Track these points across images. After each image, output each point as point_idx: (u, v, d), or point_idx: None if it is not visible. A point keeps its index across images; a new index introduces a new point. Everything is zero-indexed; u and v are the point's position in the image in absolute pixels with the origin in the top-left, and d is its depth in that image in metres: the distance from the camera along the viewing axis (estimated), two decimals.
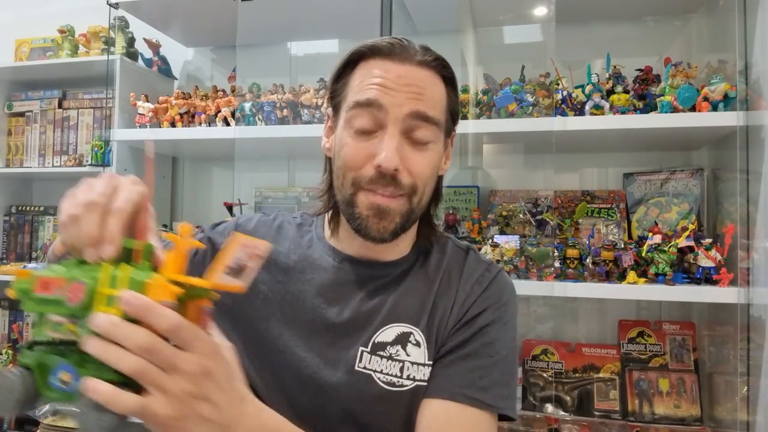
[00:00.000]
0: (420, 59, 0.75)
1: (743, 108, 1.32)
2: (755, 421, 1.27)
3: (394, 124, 0.73)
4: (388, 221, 0.74)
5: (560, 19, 1.53)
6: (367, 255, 0.83)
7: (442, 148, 0.80)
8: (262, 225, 0.90)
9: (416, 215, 0.78)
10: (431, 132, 0.75)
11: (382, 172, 0.72)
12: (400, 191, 0.74)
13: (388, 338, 0.78)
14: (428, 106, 0.74)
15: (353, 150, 0.75)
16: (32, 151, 2.14)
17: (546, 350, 1.67)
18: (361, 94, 0.74)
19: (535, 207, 1.64)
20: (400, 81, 0.73)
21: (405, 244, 0.85)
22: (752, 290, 1.29)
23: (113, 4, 1.83)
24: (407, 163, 0.74)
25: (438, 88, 0.77)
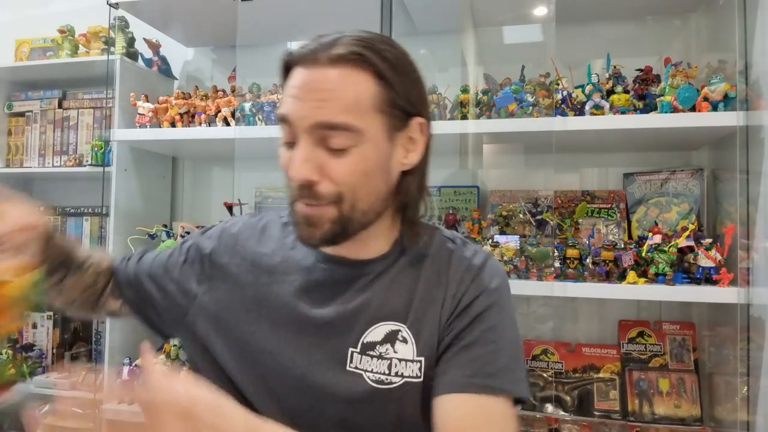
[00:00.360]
0: (334, 56, 0.70)
1: (743, 108, 1.32)
2: (755, 421, 1.27)
3: (302, 136, 0.72)
4: (316, 228, 0.74)
5: (560, 19, 1.53)
6: (347, 254, 0.82)
7: (380, 146, 0.73)
8: (246, 228, 0.90)
9: (358, 220, 0.75)
10: (345, 138, 0.70)
11: (295, 184, 0.73)
12: (320, 200, 0.72)
13: (377, 338, 0.77)
14: (335, 112, 0.70)
15: (282, 161, 0.77)
16: (32, 151, 2.14)
17: (546, 350, 1.67)
18: (281, 108, 0.75)
19: (535, 207, 1.64)
20: (306, 88, 0.71)
21: (378, 243, 0.83)
22: (752, 290, 1.29)
23: (113, 4, 1.83)
24: (326, 171, 0.71)
25: (354, 86, 0.71)
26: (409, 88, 0.76)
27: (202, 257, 0.89)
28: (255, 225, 0.91)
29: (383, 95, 0.73)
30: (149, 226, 1.88)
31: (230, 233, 0.90)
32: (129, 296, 0.93)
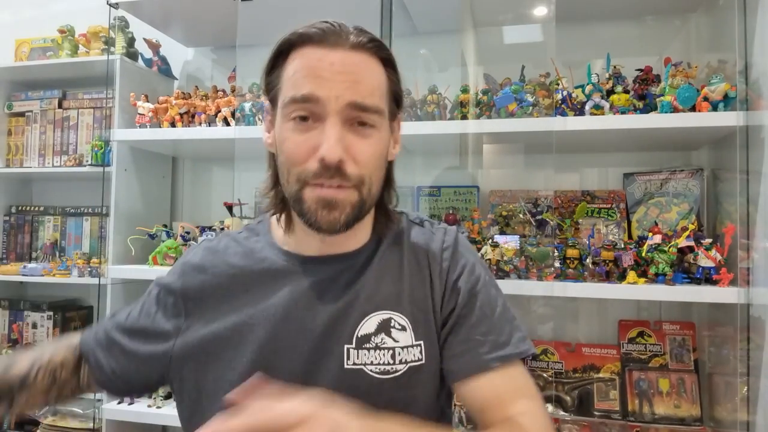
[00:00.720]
0: (354, 42, 0.73)
1: (743, 108, 1.32)
2: (755, 421, 1.27)
3: (333, 115, 0.70)
4: (339, 212, 0.72)
5: (560, 19, 1.53)
6: (327, 251, 0.81)
7: (387, 133, 0.77)
8: (209, 253, 0.86)
9: (369, 205, 0.77)
10: (373, 119, 0.73)
11: (327, 164, 0.69)
12: (347, 182, 0.71)
13: (370, 329, 0.77)
14: (366, 93, 0.72)
15: (295, 144, 0.72)
16: (32, 151, 2.14)
17: (546, 350, 1.67)
18: (296, 89, 0.71)
19: (535, 207, 1.64)
20: (333, 69, 0.71)
21: (363, 233, 0.83)
22: (752, 290, 1.29)
23: (113, 4, 1.83)
24: (352, 152, 0.71)
25: (375, 72, 0.74)
26: (399, 83, 0.80)
27: (175, 297, 0.84)
28: (216, 248, 0.87)
29: (389, 85, 0.77)
30: (149, 226, 1.88)
31: (193, 264, 0.86)
32: (111, 365, 0.84)
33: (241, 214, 1.84)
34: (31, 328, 2.10)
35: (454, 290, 0.81)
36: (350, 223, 0.74)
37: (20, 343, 2.08)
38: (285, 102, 0.73)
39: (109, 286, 1.78)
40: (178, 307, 0.83)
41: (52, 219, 2.19)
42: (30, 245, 2.20)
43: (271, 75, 0.77)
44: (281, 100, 0.74)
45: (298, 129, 0.72)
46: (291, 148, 0.72)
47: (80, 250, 2.11)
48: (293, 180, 0.73)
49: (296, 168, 0.72)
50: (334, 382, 0.76)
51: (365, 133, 0.73)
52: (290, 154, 0.72)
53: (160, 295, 0.85)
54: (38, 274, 1.97)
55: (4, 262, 2.18)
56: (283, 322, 0.78)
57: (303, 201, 0.73)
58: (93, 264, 1.92)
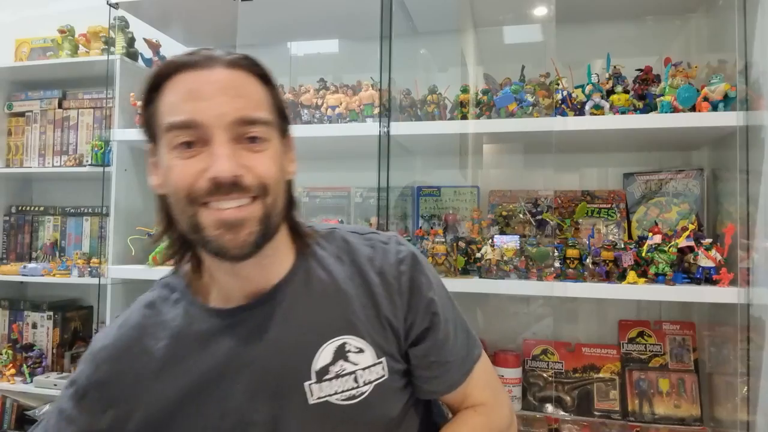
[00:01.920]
0: (228, 60, 0.70)
1: (743, 108, 1.32)
2: (755, 421, 1.27)
3: (219, 134, 0.66)
4: (246, 233, 0.67)
5: (560, 19, 1.53)
6: (253, 290, 0.76)
7: (280, 147, 0.73)
8: (121, 335, 0.78)
9: (275, 221, 0.71)
10: (263, 132, 0.69)
11: (220, 182, 0.65)
12: (247, 195, 0.67)
13: (326, 360, 0.74)
14: (251, 107, 0.69)
15: (181, 168, 0.67)
16: (32, 151, 2.14)
17: (546, 350, 1.67)
18: (176, 114, 0.67)
19: (535, 207, 1.64)
20: (213, 88, 0.67)
21: (284, 260, 0.78)
22: (752, 290, 1.29)
23: (113, 4, 1.83)
24: (248, 166, 0.67)
25: (256, 86, 0.72)
26: (280, 98, 0.76)
27: (87, 396, 0.76)
28: (126, 326, 0.79)
29: (270, 100, 0.73)
30: (149, 226, 1.88)
31: (103, 348, 0.78)
32: None
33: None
34: (31, 328, 2.10)
35: (417, 307, 0.79)
36: (260, 243, 0.69)
37: (20, 343, 2.08)
38: (164, 129, 0.68)
39: (109, 286, 1.78)
40: (100, 402, 0.75)
41: (52, 219, 2.19)
42: (30, 245, 2.20)
43: (147, 110, 0.72)
44: (161, 129, 0.69)
45: (183, 155, 0.67)
46: (177, 174, 0.67)
47: (80, 250, 2.12)
48: (184, 205, 0.67)
49: (185, 192, 0.67)
50: (303, 421, 0.73)
51: (257, 148, 0.69)
52: (177, 179, 0.67)
53: (69, 410, 0.76)
54: (38, 274, 1.97)
55: (4, 262, 2.18)
56: (231, 383, 0.73)
57: (201, 227, 0.67)
58: (93, 264, 1.92)
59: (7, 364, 2.00)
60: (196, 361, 0.74)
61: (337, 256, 0.80)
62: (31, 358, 2.00)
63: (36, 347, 2.05)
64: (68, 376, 1.93)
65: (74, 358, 2.10)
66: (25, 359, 2.01)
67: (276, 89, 0.75)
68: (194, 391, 0.74)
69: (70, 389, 0.77)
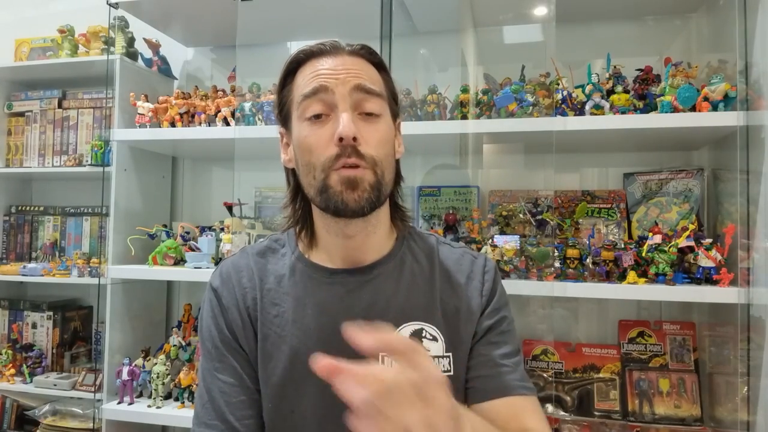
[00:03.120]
0: (350, 50, 0.83)
1: (743, 108, 1.32)
2: (755, 421, 1.27)
3: (342, 101, 0.78)
4: (361, 190, 0.77)
5: (560, 19, 1.53)
6: (352, 260, 0.85)
7: (391, 123, 0.84)
8: (238, 272, 0.88)
9: (384, 191, 0.81)
10: (378, 104, 0.81)
11: (344, 143, 0.76)
12: (363, 162, 0.77)
13: None
14: (368, 81, 0.80)
15: (314, 137, 0.79)
16: (32, 151, 2.14)
17: (546, 350, 1.67)
18: (306, 87, 0.79)
19: (535, 207, 1.64)
20: (337, 66, 0.80)
21: (383, 237, 0.87)
22: (752, 290, 1.29)
23: (113, 4, 1.83)
24: (363, 135, 0.78)
25: (372, 71, 0.84)
26: (393, 87, 0.88)
27: (226, 283, 0.88)
28: (246, 265, 0.89)
29: (386, 86, 0.85)
30: (149, 226, 1.88)
31: (225, 265, 0.90)
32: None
33: (240, 214, 1.84)
34: (31, 328, 2.10)
35: (492, 308, 0.87)
36: (372, 204, 0.78)
37: (20, 343, 2.08)
38: (298, 102, 0.80)
39: (108, 286, 1.78)
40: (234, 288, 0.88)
41: (52, 219, 2.19)
42: (30, 245, 2.20)
43: (282, 93, 0.85)
44: (295, 104, 0.82)
45: (314, 126, 0.79)
46: (311, 141, 0.79)
47: (80, 250, 2.11)
48: (318, 171, 0.78)
49: (319, 158, 0.78)
50: None
51: (371, 120, 0.80)
52: (311, 146, 0.79)
53: (218, 340, 0.86)
54: (38, 274, 1.97)
55: (4, 262, 2.17)
56: (314, 333, 0.82)
57: (329, 187, 0.78)
58: (93, 264, 1.92)
59: (7, 364, 2.00)
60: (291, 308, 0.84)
61: (429, 254, 0.90)
62: (31, 358, 2.00)
63: (36, 347, 2.05)
64: (69, 376, 1.93)
65: (74, 358, 2.10)
66: (25, 359, 2.01)
67: (390, 77, 0.87)
68: (280, 336, 0.83)
69: (209, 297, 0.89)
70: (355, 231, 0.82)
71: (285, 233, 0.93)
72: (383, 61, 0.87)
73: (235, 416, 0.81)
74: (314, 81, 0.79)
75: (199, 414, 0.84)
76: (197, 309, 1.99)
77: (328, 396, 0.78)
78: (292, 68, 0.84)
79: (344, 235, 0.83)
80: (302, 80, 0.81)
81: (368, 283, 0.84)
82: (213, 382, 0.84)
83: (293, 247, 0.90)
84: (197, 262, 1.71)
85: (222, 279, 0.88)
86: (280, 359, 0.82)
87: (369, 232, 0.84)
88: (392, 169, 0.84)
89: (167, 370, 1.73)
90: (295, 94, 0.82)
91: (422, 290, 0.86)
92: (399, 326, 0.82)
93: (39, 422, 1.92)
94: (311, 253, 0.89)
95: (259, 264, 0.89)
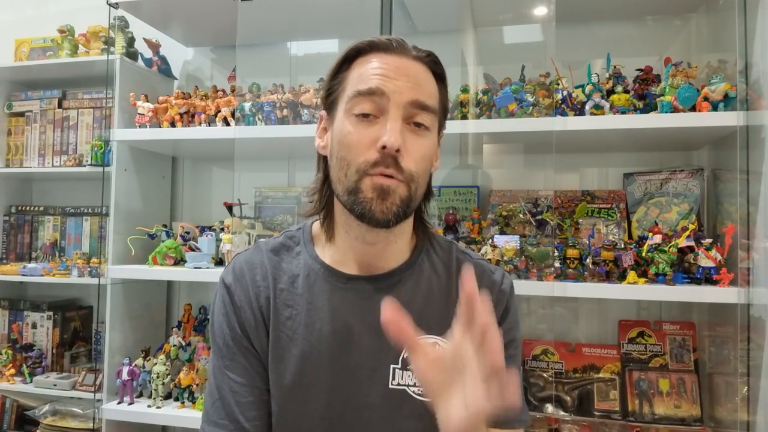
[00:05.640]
0: (415, 54, 0.79)
1: (743, 108, 1.32)
2: (755, 421, 1.27)
3: (395, 109, 0.75)
4: (390, 202, 0.75)
5: (560, 19, 1.53)
6: (369, 266, 0.83)
7: (436, 138, 0.82)
8: (252, 269, 0.86)
9: (414, 205, 0.79)
10: (429, 119, 0.78)
11: (386, 152, 0.73)
12: (401, 175, 0.75)
13: None
14: (425, 95, 0.77)
15: (357, 136, 0.76)
16: (32, 151, 2.14)
17: (546, 350, 1.67)
18: (363, 83, 0.76)
19: (535, 207, 1.64)
20: (399, 72, 0.76)
21: (403, 246, 0.85)
22: (752, 290, 1.29)
23: (113, 4, 1.83)
24: (407, 147, 0.75)
25: (432, 82, 0.81)
26: (447, 99, 0.85)
27: (238, 280, 0.86)
28: (260, 263, 0.86)
29: (440, 99, 0.82)
30: (149, 226, 1.88)
31: (237, 261, 0.88)
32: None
33: (241, 214, 1.84)
34: (31, 328, 2.10)
35: (505, 325, 0.85)
36: (399, 217, 0.76)
37: (20, 343, 2.08)
38: (350, 96, 0.77)
39: (108, 286, 1.78)
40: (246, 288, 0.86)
41: (52, 219, 2.19)
42: (30, 245, 2.20)
43: (334, 80, 0.81)
44: (345, 96, 0.78)
45: (360, 124, 0.76)
46: (353, 139, 0.76)
47: (80, 250, 2.12)
48: (352, 171, 0.76)
49: (357, 159, 0.75)
50: (379, 401, 0.78)
51: (420, 132, 0.77)
52: (351, 144, 0.76)
53: (229, 336, 0.84)
54: (38, 274, 1.97)
55: (4, 262, 2.17)
56: (326, 338, 0.80)
57: (360, 191, 0.75)
58: (93, 264, 1.92)
59: (7, 364, 2.00)
60: (304, 312, 0.82)
61: (447, 266, 0.88)
62: (31, 358, 2.00)
63: (36, 347, 2.05)
64: (69, 376, 1.92)
65: (74, 358, 2.10)
66: (25, 359, 2.01)
67: (446, 90, 0.84)
68: (290, 338, 0.81)
69: (221, 293, 0.86)
70: (377, 239, 0.81)
71: (300, 230, 0.91)
72: (444, 72, 0.83)
73: (245, 416, 0.80)
74: (372, 80, 0.76)
75: (208, 412, 0.83)
76: (197, 309, 1.99)
77: (336, 400, 0.79)
78: (351, 55, 0.80)
79: (364, 241, 0.81)
80: (359, 73, 0.78)
81: (384, 291, 0.82)
82: (223, 380, 0.82)
83: (309, 246, 0.87)
84: (197, 262, 1.71)
85: (235, 275, 0.86)
86: (291, 362, 0.80)
87: (390, 241, 0.82)
88: (426, 183, 0.82)
89: (167, 370, 1.73)
90: (349, 85, 0.79)
91: (438, 302, 0.84)
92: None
93: (39, 422, 1.92)
94: (326, 253, 0.86)
95: (273, 261, 0.86)
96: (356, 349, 0.80)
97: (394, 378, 0.79)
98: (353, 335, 0.80)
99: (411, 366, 0.71)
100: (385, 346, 0.79)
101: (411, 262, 0.86)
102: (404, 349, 0.79)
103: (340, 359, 0.80)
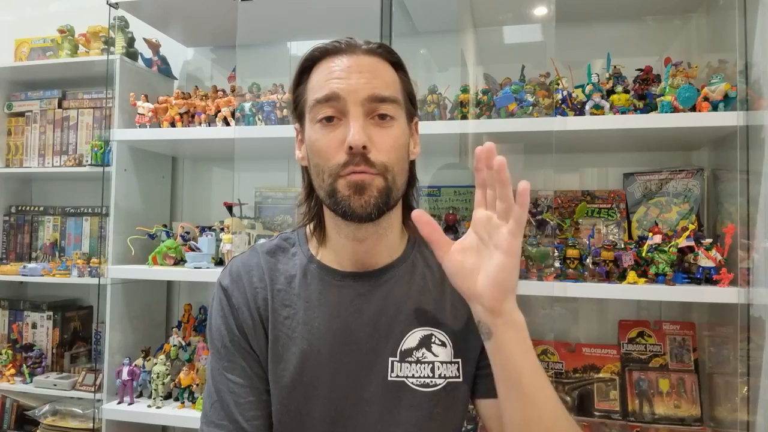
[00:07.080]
0: (366, 48, 0.81)
1: (743, 108, 1.32)
2: (755, 421, 1.27)
3: (354, 107, 0.76)
4: (368, 195, 0.76)
5: (560, 19, 1.53)
6: (363, 263, 0.84)
7: (405, 126, 0.83)
8: (249, 271, 0.87)
9: (395, 195, 0.80)
10: (392, 109, 0.79)
11: (354, 152, 0.75)
12: (373, 169, 0.76)
13: (412, 344, 0.82)
14: (382, 86, 0.78)
15: (324, 141, 0.77)
16: (32, 151, 2.14)
17: (546, 350, 1.67)
18: (319, 91, 0.78)
19: (535, 207, 1.64)
20: (351, 70, 0.78)
21: (395, 240, 0.87)
22: (752, 290, 1.29)
23: (113, 4, 1.83)
24: (374, 142, 0.76)
25: (389, 71, 0.82)
26: (411, 85, 0.86)
27: (236, 282, 0.87)
28: (257, 265, 0.88)
29: (402, 86, 0.83)
30: (149, 226, 1.88)
31: (233, 264, 0.89)
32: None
33: (240, 214, 1.84)
34: (31, 328, 2.10)
35: None
36: (380, 209, 0.77)
37: (20, 343, 2.08)
38: (311, 106, 0.79)
39: (108, 286, 1.78)
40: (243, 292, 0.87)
41: (51, 219, 2.19)
42: (30, 245, 2.20)
43: (296, 91, 0.84)
44: (308, 106, 0.80)
45: (325, 129, 0.78)
46: (321, 145, 0.78)
47: (80, 250, 2.12)
48: (327, 176, 0.78)
49: (329, 163, 0.77)
50: (378, 393, 0.80)
51: (385, 124, 0.78)
52: (321, 150, 0.78)
53: (232, 338, 0.85)
54: (38, 274, 1.97)
55: (4, 262, 2.17)
56: (325, 336, 0.82)
57: (337, 191, 0.77)
58: (93, 264, 1.92)
59: (7, 364, 2.00)
60: (302, 310, 0.84)
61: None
62: (31, 358, 2.00)
63: (36, 347, 2.05)
64: (69, 376, 1.92)
65: (74, 358, 2.10)
66: (25, 359, 2.01)
67: (407, 76, 0.86)
68: (289, 337, 0.83)
69: (219, 297, 0.87)
70: (366, 235, 0.82)
71: (295, 232, 0.92)
72: (401, 59, 0.85)
73: (245, 417, 0.81)
74: (326, 86, 0.77)
75: (207, 413, 0.84)
76: (197, 309, 1.99)
77: (336, 395, 0.80)
78: (307, 66, 0.82)
79: (355, 238, 0.82)
80: (316, 81, 0.80)
81: (379, 287, 0.84)
82: (222, 382, 0.83)
83: (304, 247, 0.89)
84: (197, 262, 1.71)
85: (232, 278, 0.87)
86: (290, 361, 0.82)
87: (380, 236, 0.83)
88: (405, 172, 0.83)
89: (167, 370, 1.73)
90: (309, 94, 0.81)
91: (433, 295, 0.85)
92: (409, 331, 0.82)
93: (39, 422, 1.92)
94: (321, 254, 0.87)
95: (269, 263, 0.87)
96: (354, 344, 0.81)
97: (392, 371, 0.81)
98: (351, 332, 0.82)
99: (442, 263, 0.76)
100: (382, 340, 0.81)
101: (404, 257, 0.87)
102: (401, 342, 0.82)
103: (339, 356, 0.81)
